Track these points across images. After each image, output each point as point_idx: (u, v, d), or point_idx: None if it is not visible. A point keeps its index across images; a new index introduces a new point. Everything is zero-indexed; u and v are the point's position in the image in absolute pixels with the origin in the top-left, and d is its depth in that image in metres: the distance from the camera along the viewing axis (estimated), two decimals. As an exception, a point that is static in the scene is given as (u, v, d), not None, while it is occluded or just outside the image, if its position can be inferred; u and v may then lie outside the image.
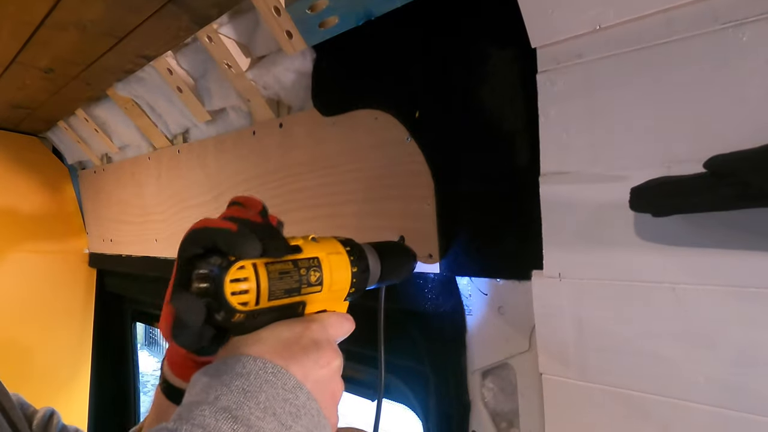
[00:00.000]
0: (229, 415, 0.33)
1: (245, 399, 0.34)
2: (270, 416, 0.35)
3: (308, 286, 0.43)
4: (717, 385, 0.48)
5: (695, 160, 0.46)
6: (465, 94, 0.67)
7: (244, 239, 0.38)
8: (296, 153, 0.91)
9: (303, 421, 0.37)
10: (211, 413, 0.33)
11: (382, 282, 0.57)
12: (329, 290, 0.46)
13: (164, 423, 0.34)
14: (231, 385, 0.35)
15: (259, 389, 0.35)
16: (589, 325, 0.55)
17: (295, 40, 0.79)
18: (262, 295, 0.39)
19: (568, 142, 0.56)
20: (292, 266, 0.42)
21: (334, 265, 0.47)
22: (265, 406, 0.35)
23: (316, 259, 0.45)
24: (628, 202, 0.48)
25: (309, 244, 0.46)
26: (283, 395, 0.36)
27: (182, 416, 0.34)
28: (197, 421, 0.33)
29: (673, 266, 0.49)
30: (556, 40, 0.55)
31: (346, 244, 0.50)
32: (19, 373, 1.68)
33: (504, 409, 0.68)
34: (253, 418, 0.34)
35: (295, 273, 0.42)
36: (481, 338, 0.68)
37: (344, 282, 0.48)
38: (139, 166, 1.43)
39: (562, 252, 0.57)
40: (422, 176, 0.71)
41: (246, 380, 0.35)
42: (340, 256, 0.48)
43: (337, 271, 0.47)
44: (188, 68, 1.05)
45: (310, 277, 0.43)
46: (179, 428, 0.32)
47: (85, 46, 0.98)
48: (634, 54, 0.51)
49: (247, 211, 0.43)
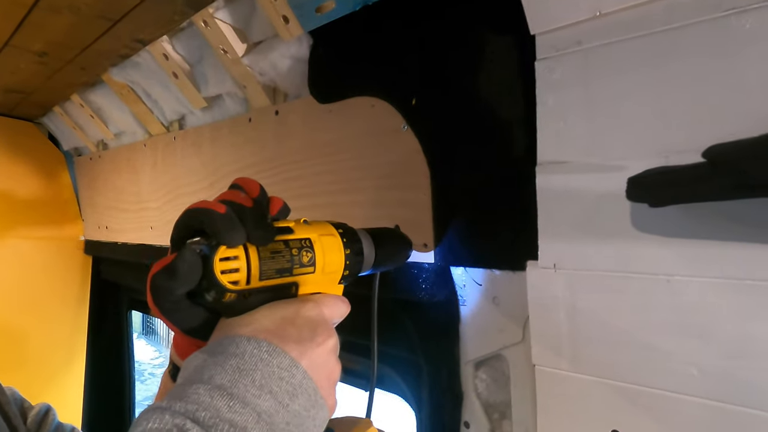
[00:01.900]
0: (225, 393, 0.33)
1: (240, 377, 0.34)
2: (266, 394, 0.34)
3: (300, 267, 0.43)
4: (711, 378, 0.47)
5: (694, 150, 0.46)
6: (462, 81, 0.66)
7: (230, 225, 0.38)
8: (292, 141, 0.91)
9: (300, 400, 0.36)
10: (205, 391, 0.33)
11: (377, 268, 0.56)
12: (322, 272, 0.45)
13: (158, 402, 0.33)
14: (225, 365, 0.34)
15: (254, 368, 0.35)
16: (583, 316, 0.55)
17: (291, 25, 0.78)
18: (253, 274, 0.39)
19: (565, 131, 0.55)
20: (284, 246, 0.42)
21: (326, 246, 0.46)
22: (261, 384, 0.34)
23: (308, 240, 0.44)
24: (625, 192, 0.47)
25: (301, 226, 0.45)
26: (278, 374, 0.35)
27: (176, 395, 0.33)
28: (191, 398, 0.32)
29: (668, 257, 0.49)
30: (555, 26, 0.54)
31: (339, 227, 0.50)
32: (13, 360, 1.68)
33: (496, 400, 0.67)
34: (249, 395, 0.33)
35: (286, 253, 0.41)
36: (475, 329, 0.68)
37: (337, 264, 0.48)
38: (135, 153, 1.42)
39: (557, 242, 0.56)
40: (418, 165, 0.70)
41: (241, 360, 0.35)
42: (332, 237, 0.48)
43: (329, 253, 0.46)
44: (184, 53, 1.03)
45: (302, 258, 0.43)
46: (172, 405, 0.32)
47: (79, 29, 0.97)
48: (634, 41, 0.50)
49: (241, 195, 0.42)
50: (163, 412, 0.31)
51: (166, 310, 0.39)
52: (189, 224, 0.39)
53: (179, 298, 0.38)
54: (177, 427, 0.30)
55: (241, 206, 0.40)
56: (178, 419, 0.31)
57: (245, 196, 0.42)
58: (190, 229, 0.39)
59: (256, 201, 0.42)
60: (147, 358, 8.07)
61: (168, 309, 0.39)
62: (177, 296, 0.38)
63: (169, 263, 0.37)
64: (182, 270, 0.36)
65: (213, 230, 0.38)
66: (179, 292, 0.38)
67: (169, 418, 0.31)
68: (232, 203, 0.40)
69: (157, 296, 0.38)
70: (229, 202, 0.40)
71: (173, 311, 0.39)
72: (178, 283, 0.37)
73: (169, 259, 0.37)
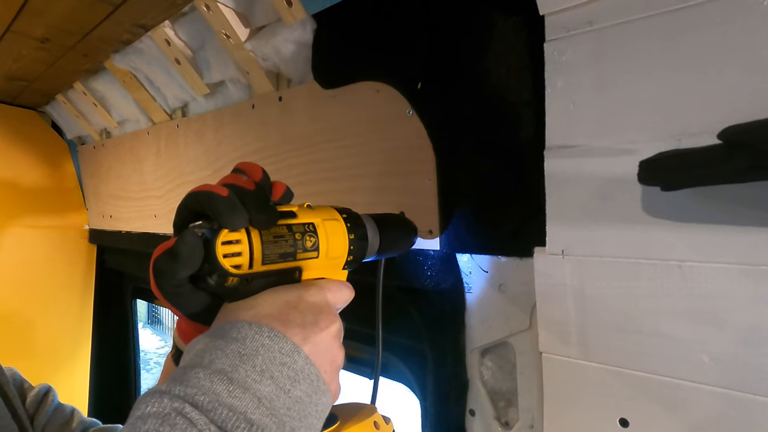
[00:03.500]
0: (225, 378, 0.32)
1: (241, 362, 0.33)
2: (267, 379, 0.34)
3: (304, 252, 0.42)
4: (722, 365, 0.46)
5: (708, 132, 0.45)
6: (469, 64, 0.64)
7: (232, 208, 0.37)
8: (296, 127, 0.89)
9: (302, 386, 0.36)
10: (205, 375, 0.32)
11: (382, 254, 0.56)
12: (326, 257, 0.45)
13: (157, 386, 0.33)
14: (226, 350, 0.34)
15: (255, 353, 0.34)
16: (592, 303, 0.54)
17: (294, 8, 0.77)
18: (256, 258, 0.38)
19: (575, 114, 0.54)
20: (287, 231, 0.41)
21: (330, 231, 0.46)
22: (262, 370, 0.34)
23: (312, 224, 0.44)
24: (637, 176, 0.46)
25: (304, 210, 0.45)
26: (280, 359, 0.35)
27: (176, 379, 0.33)
28: (191, 383, 0.32)
29: (680, 243, 0.48)
30: (565, 6, 0.52)
31: (343, 212, 0.49)
32: (19, 350, 1.69)
33: (502, 388, 0.67)
34: (250, 380, 0.33)
35: (289, 237, 0.41)
36: (481, 316, 0.67)
37: (341, 249, 0.47)
38: (138, 141, 1.41)
39: (566, 228, 0.55)
40: (423, 150, 0.69)
41: (242, 345, 0.35)
42: (336, 222, 0.47)
43: (333, 238, 0.46)
44: (186, 39, 1.02)
45: (305, 243, 0.42)
46: (172, 389, 0.31)
47: (81, 14, 0.95)
48: (647, 21, 0.48)
49: (243, 178, 0.41)
50: (162, 395, 0.31)
51: (169, 294, 0.38)
52: (191, 207, 0.39)
53: (182, 282, 0.38)
54: (175, 411, 0.30)
55: (243, 189, 0.39)
56: (177, 403, 0.30)
57: (247, 179, 0.41)
58: (192, 213, 0.39)
59: (258, 185, 0.41)
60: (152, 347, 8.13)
61: (170, 293, 0.38)
62: (179, 280, 0.37)
63: (170, 246, 0.37)
64: (184, 253, 0.36)
65: (215, 213, 0.37)
66: (181, 276, 0.37)
67: (167, 401, 0.30)
68: (234, 186, 0.39)
69: (159, 280, 0.37)
70: (231, 186, 0.39)
71: (176, 295, 0.38)
72: (179, 266, 0.36)
73: (171, 242, 0.37)
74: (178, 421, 0.29)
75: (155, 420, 0.29)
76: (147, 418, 0.30)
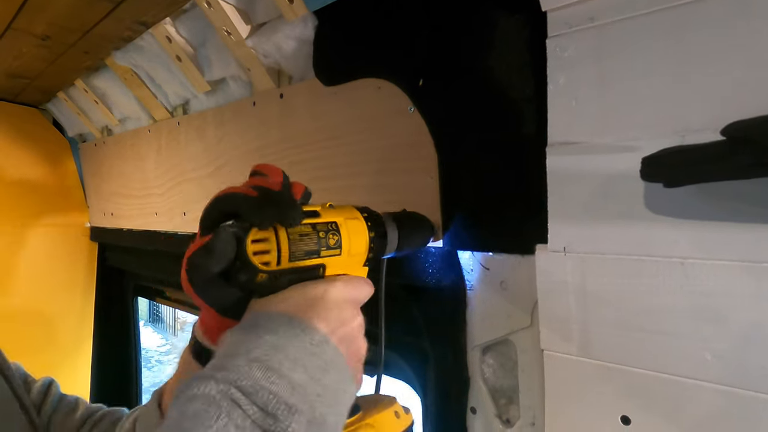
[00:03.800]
0: (262, 365, 0.35)
1: (275, 352, 0.36)
2: (300, 368, 0.36)
3: (327, 249, 0.45)
4: (725, 363, 0.46)
5: (711, 129, 0.44)
6: (471, 61, 0.64)
7: (262, 206, 0.40)
8: (297, 124, 0.89)
9: (331, 375, 0.38)
10: (244, 362, 0.35)
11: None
12: (348, 254, 0.47)
13: (200, 371, 0.35)
14: (260, 341, 0.36)
15: (288, 344, 0.37)
16: (593, 300, 0.54)
17: (296, 5, 0.76)
18: (283, 255, 0.41)
19: (577, 110, 0.54)
20: (311, 229, 0.43)
21: (351, 229, 0.48)
22: (295, 358, 0.36)
23: (335, 223, 0.46)
24: (640, 172, 0.46)
25: (327, 210, 0.47)
26: (311, 350, 0.37)
27: (217, 366, 0.35)
28: (232, 369, 0.34)
29: (682, 240, 0.48)
30: (568, 2, 0.52)
31: (363, 210, 0.52)
32: (21, 347, 1.68)
33: (504, 386, 0.67)
34: (284, 368, 0.35)
35: (314, 236, 0.43)
36: (482, 314, 0.67)
37: (362, 246, 0.49)
38: (139, 138, 1.41)
39: (567, 225, 0.55)
40: (425, 147, 0.69)
41: (275, 335, 0.37)
42: (357, 221, 0.49)
43: (355, 236, 0.48)
44: (187, 36, 1.02)
45: (329, 240, 0.45)
46: (215, 375, 0.34)
47: (81, 11, 0.95)
48: (649, 16, 0.48)
49: (268, 180, 0.44)
50: (209, 380, 0.33)
51: (201, 288, 0.40)
52: (221, 209, 0.41)
53: (213, 277, 0.40)
54: (221, 393, 0.32)
55: (269, 190, 0.42)
56: (223, 386, 0.33)
57: (272, 181, 0.44)
58: (222, 214, 0.41)
59: (283, 185, 0.44)
60: (154, 345, 8.15)
61: (202, 288, 0.40)
62: (212, 274, 0.40)
63: (206, 242, 0.39)
64: (219, 248, 0.39)
65: (245, 213, 0.40)
66: (215, 270, 0.39)
67: (214, 384, 0.33)
68: (261, 188, 0.41)
69: (193, 275, 0.40)
70: (258, 187, 0.41)
71: (207, 290, 0.41)
72: (214, 261, 0.39)
73: (205, 239, 0.39)
74: (223, 403, 0.32)
75: (203, 400, 0.32)
76: (195, 399, 0.32)
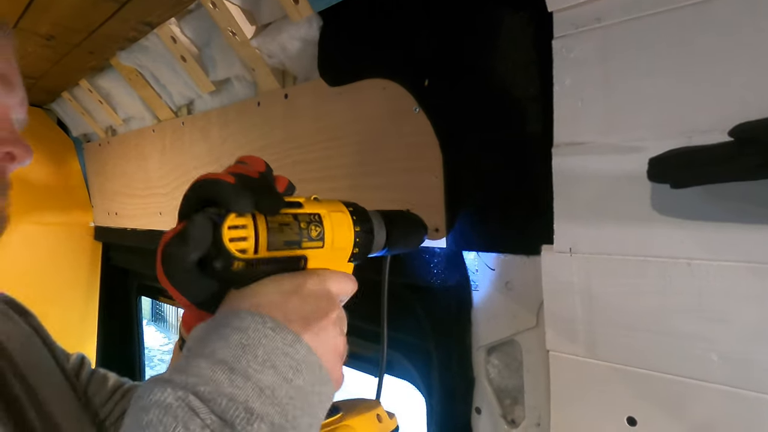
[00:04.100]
0: (227, 368, 0.33)
1: (243, 353, 0.34)
2: (269, 369, 0.34)
3: (309, 241, 0.43)
4: (731, 364, 0.46)
5: (718, 129, 0.44)
6: (476, 61, 0.64)
7: (239, 192, 0.38)
8: (301, 124, 0.89)
9: (304, 375, 0.36)
10: (207, 365, 0.33)
11: (391, 249, 0.56)
12: (331, 248, 0.45)
13: (159, 375, 0.34)
14: (229, 339, 0.35)
15: (258, 343, 0.35)
16: (599, 301, 0.54)
17: (301, 5, 0.76)
18: (261, 243, 0.39)
19: (583, 111, 0.54)
20: (292, 219, 0.42)
21: (336, 222, 0.46)
22: (264, 360, 0.34)
23: (317, 215, 0.44)
24: (646, 173, 0.46)
25: (311, 202, 0.46)
26: (282, 349, 0.36)
27: (178, 368, 0.33)
28: (193, 371, 0.33)
29: (689, 240, 0.47)
30: (574, 2, 0.52)
31: (349, 205, 0.50)
32: (26, 344, 1.69)
33: (509, 386, 0.67)
34: (251, 370, 0.33)
35: (295, 226, 0.42)
36: (487, 314, 0.67)
37: (346, 240, 0.48)
38: (144, 138, 1.41)
39: (573, 226, 0.55)
40: (430, 148, 0.69)
41: (243, 334, 0.35)
42: (342, 214, 0.48)
43: (339, 229, 0.46)
44: (192, 36, 1.02)
45: (311, 232, 0.43)
46: (174, 378, 0.32)
47: (87, 11, 0.96)
48: (656, 17, 0.48)
49: (248, 168, 0.43)
50: (166, 384, 0.32)
51: (177, 280, 0.39)
52: (198, 195, 0.40)
53: (190, 267, 0.38)
54: (179, 400, 0.31)
55: (248, 176, 0.40)
56: (180, 392, 0.31)
57: (252, 169, 0.43)
58: (200, 200, 0.40)
59: (262, 174, 0.43)
60: (156, 344, 8.16)
61: (178, 279, 0.39)
62: (188, 264, 0.38)
63: (180, 229, 0.38)
64: (193, 234, 0.37)
65: (222, 198, 0.38)
66: (191, 258, 0.38)
67: (171, 391, 0.31)
68: (239, 174, 0.40)
69: (168, 265, 0.38)
70: (236, 174, 0.40)
71: (183, 281, 0.39)
72: (190, 248, 0.37)
73: (179, 227, 0.38)
74: (179, 412, 0.30)
75: (158, 409, 0.30)
76: (150, 407, 0.31)
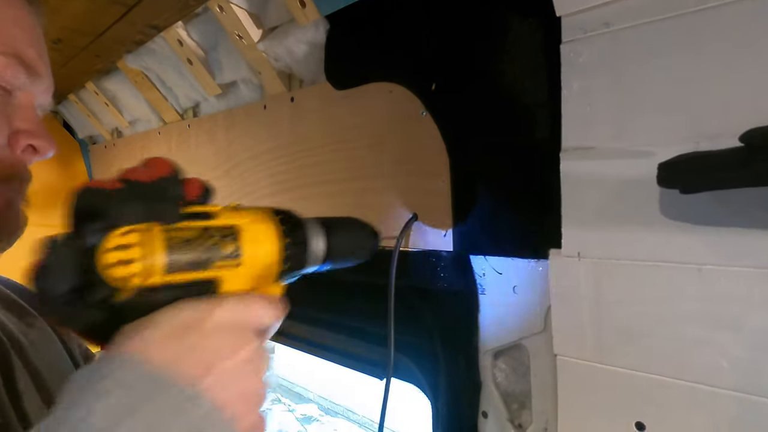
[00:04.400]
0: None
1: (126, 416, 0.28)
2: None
3: (222, 259, 0.36)
4: (741, 369, 0.46)
5: (728, 135, 0.44)
6: (484, 65, 0.64)
7: (125, 202, 0.33)
8: (308, 128, 0.90)
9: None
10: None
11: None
12: (252, 266, 0.38)
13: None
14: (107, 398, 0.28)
15: (145, 403, 0.29)
16: (608, 306, 0.54)
17: (308, 9, 0.77)
18: (156, 266, 0.33)
19: (591, 116, 0.54)
20: (200, 233, 0.35)
21: (258, 235, 0.39)
22: (151, 423, 0.28)
23: (233, 227, 0.37)
24: (656, 178, 0.45)
25: (227, 211, 0.39)
26: (176, 407, 0.30)
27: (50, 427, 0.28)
28: None
29: (699, 246, 0.47)
30: (583, 7, 0.52)
31: (279, 213, 0.43)
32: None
33: (516, 390, 0.67)
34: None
35: (203, 241, 0.35)
36: (494, 318, 0.67)
37: (272, 256, 0.40)
38: (150, 141, 1.42)
39: (581, 230, 0.55)
40: (437, 151, 0.69)
41: (128, 392, 0.29)
42: (266, 225, 0.41)
43: (262, 244, 0.39)
44: (199, 39, 1.03)
45: (223, 248, 0.36)
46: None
47: (94, 15, 0.96)
48: (665, 22, 0.48)
49: (143, 171, 0.36)
50: None
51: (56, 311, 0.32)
52: (80, 207, 0.34)
53: (65, 299, 0.32)
54: None
55: (137, 182, 0.35)
56: None
57: (147, 173, 0.36)
58: (83, 213, 0.33)
59: (161, 179, 0.36)
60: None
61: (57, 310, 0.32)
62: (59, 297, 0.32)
63: (39, 260, 0.32)
64: (53, 265, 0.31)
65: (101, 210, 0.32)
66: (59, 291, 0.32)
67: None
68: (127, 180, 0.35)
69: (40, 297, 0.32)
70: (124, 180, 0.35)
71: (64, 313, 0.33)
72: (50, 282, 0.31)
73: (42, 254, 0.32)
74: None
75: None
76: None
